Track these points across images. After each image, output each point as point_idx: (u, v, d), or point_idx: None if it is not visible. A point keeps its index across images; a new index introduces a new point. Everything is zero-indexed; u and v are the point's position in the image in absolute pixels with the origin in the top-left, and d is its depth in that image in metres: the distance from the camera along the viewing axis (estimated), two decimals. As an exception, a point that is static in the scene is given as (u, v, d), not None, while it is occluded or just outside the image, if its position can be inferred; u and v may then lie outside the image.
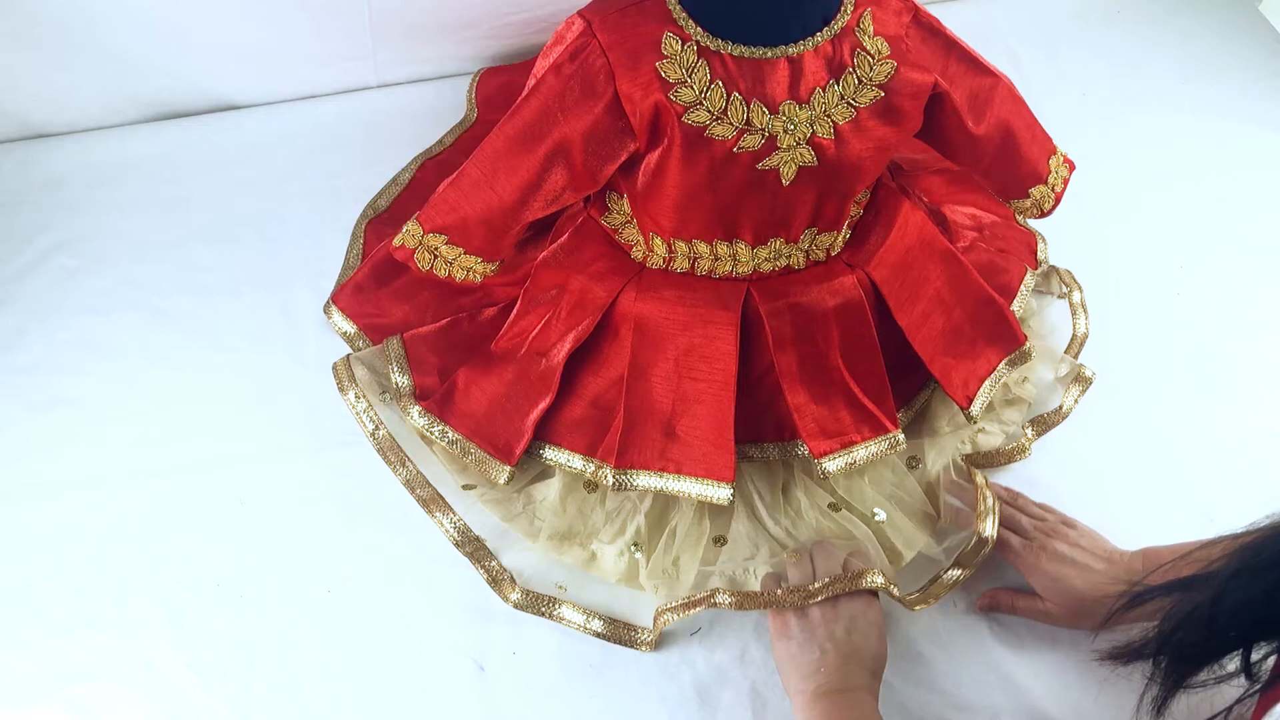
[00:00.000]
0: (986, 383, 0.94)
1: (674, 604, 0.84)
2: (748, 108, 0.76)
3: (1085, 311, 1.08)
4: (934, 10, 0.83)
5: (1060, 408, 1.00)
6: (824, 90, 0.76)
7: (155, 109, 1.20)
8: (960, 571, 0.88)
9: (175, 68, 1.17)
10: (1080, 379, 1.02)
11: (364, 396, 0.93)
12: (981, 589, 0.89)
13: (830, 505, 0.90)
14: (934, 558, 0.90)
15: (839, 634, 0.79)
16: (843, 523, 0.90)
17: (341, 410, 0.94)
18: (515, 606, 0.86)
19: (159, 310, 1.05)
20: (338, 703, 0.83)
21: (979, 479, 0.90)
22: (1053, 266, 1.10)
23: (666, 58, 0.75)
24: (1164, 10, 1.40)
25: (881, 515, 0.90)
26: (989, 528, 0.87)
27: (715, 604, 0.83)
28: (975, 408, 0.92)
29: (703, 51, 0.75)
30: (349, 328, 1.01)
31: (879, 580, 0.83)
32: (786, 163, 0.78)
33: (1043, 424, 0.99)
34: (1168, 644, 0.66)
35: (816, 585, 0.83)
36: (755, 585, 0.87)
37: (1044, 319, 1.08)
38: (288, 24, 1.14)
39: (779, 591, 0.83)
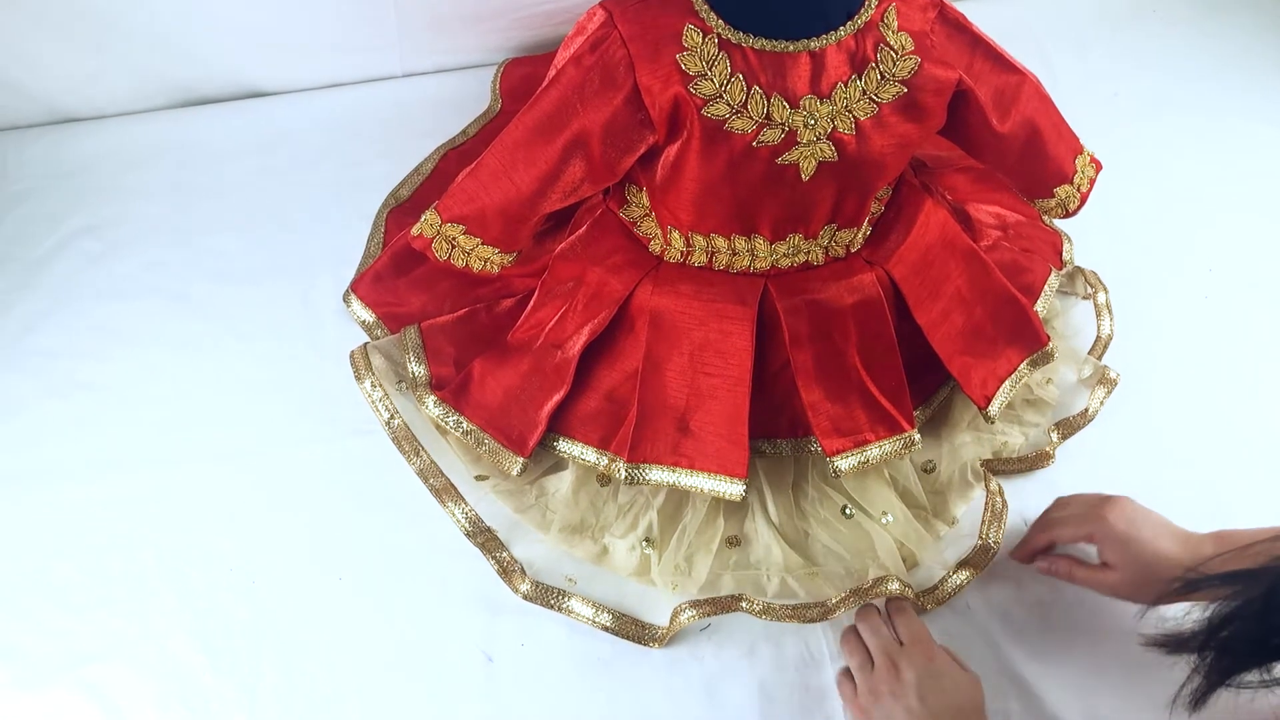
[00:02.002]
0: (1006, 383, 0.92)
1: (697, 600, 0.84)
2: (768, 102, 0.75)
3: (1110, 313, 1.06)
4: (963, 8, 0.82)
5: (1086, 410, 0.99)
6: (846, 85, 0.76)
7: (182, 95, 1.21)
8: (967, 574, 0.88)
9: (203, 54, 1.17)
10: (1105, 381, 1.00)
11: (380, 385, 0.93)
12: (991, 588, 0.89)
13: (844, 510, 0.90)
14: (939, 562, 0.90)
15: (915, 705, 0.77)
16: (858, 526, 0.89)
17: (358, 399, 0.94)
18: (524, 598, 0.86)
19: (181, 297, 1.06)
20: (345, 689, 0.83)
21: (993, 485, 0.89)
22: (1078, 267, 1.09)
23: (687, 50, 0.74)
24: (1198, 11, 1.38)
25: (889, 518, 0.89)
26: (994, 535, 0.86)
27: (741, 608, 0.84)
28: (994, 408, 0.91)
29: (724, 44, 0.74)
30: (367, 316, 1.01)
31: (895, 587, 0.82)
32: (806, 158, 0.77)
33: (1068, 427, 0.98)
34: (1216, 637, 0.64)
35: (835, 600, 0.84)
36: (772, 589, 0.87)
37: (1068, 320, 1.06)
38: (314, 12, 1.14)
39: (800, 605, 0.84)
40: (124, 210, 1.12)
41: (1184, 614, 0.67)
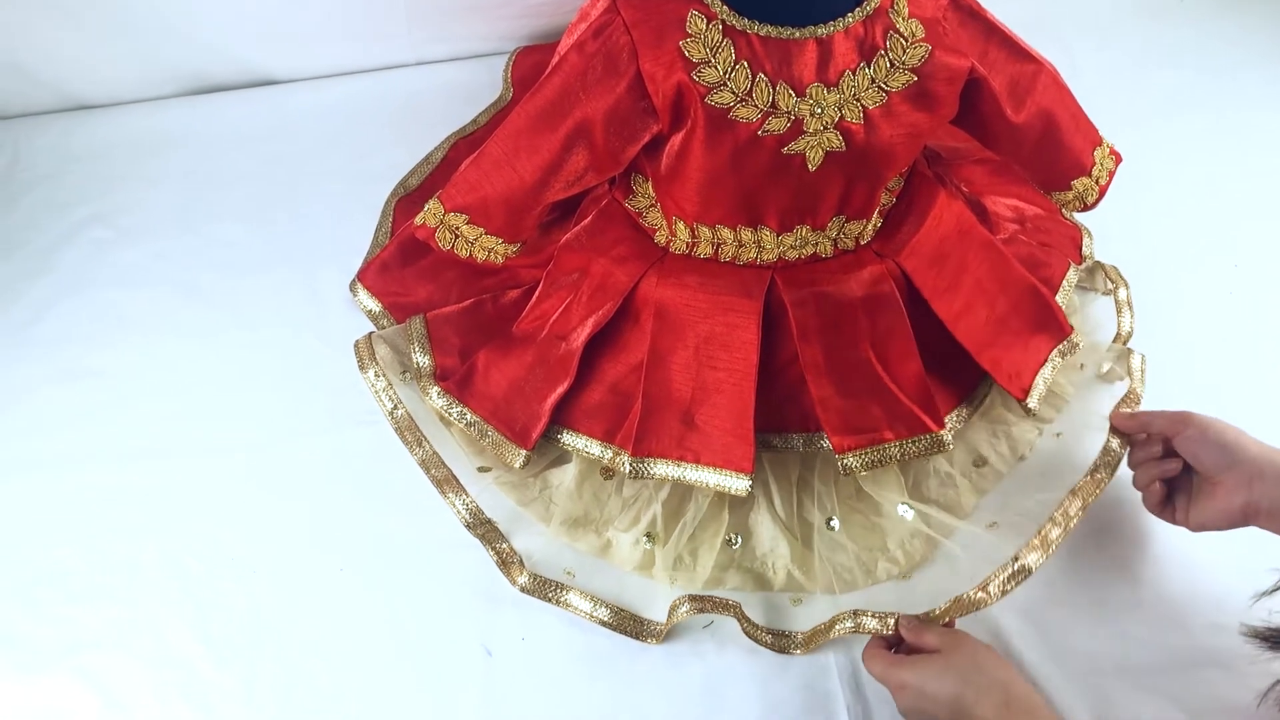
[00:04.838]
0: (1046, 368, 0.91)
1: (697, 595, 0.83)
2: (773, 90, 0.73)
3: (1131, 309, 1.03)
4: (985, -2, 0.80)
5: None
6: (854, 73, 0.74)
7: (193, 83, 1.21)
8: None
9: (214, 42, 1.18)
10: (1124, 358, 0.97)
11: (384, 375, 0.92)
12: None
13: (828, 522, 0.88)
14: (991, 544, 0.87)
15: (1009, 679, 0.73)
16: (866, 519, 0.88)
17: (363, 389, 0.93)
18: (522, 590, 0.85)
19: (189, 286, 1.06)
20: (344, 681, 0.82)
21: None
22: (1098, 262, 1.06)
23: (690, 36, 0.73)
24: (1223, 3, 1.35)
25: (908, 514, 0.87)
26: (1033, 560, 0.81)
27: (730, 614, 0.83)
28: (1032, 399, 0.89)
29: (728, 31, 0.73)
30: (374, 306, 1.01)
31: (871, 623, 0.81)
32: (813, 147, 0.75)
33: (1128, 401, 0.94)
34: None
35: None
36: (778, 580, 0.86)
37: (1088, 315, 1.04)
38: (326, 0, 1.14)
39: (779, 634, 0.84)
40: (134, 198, 1.13)
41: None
